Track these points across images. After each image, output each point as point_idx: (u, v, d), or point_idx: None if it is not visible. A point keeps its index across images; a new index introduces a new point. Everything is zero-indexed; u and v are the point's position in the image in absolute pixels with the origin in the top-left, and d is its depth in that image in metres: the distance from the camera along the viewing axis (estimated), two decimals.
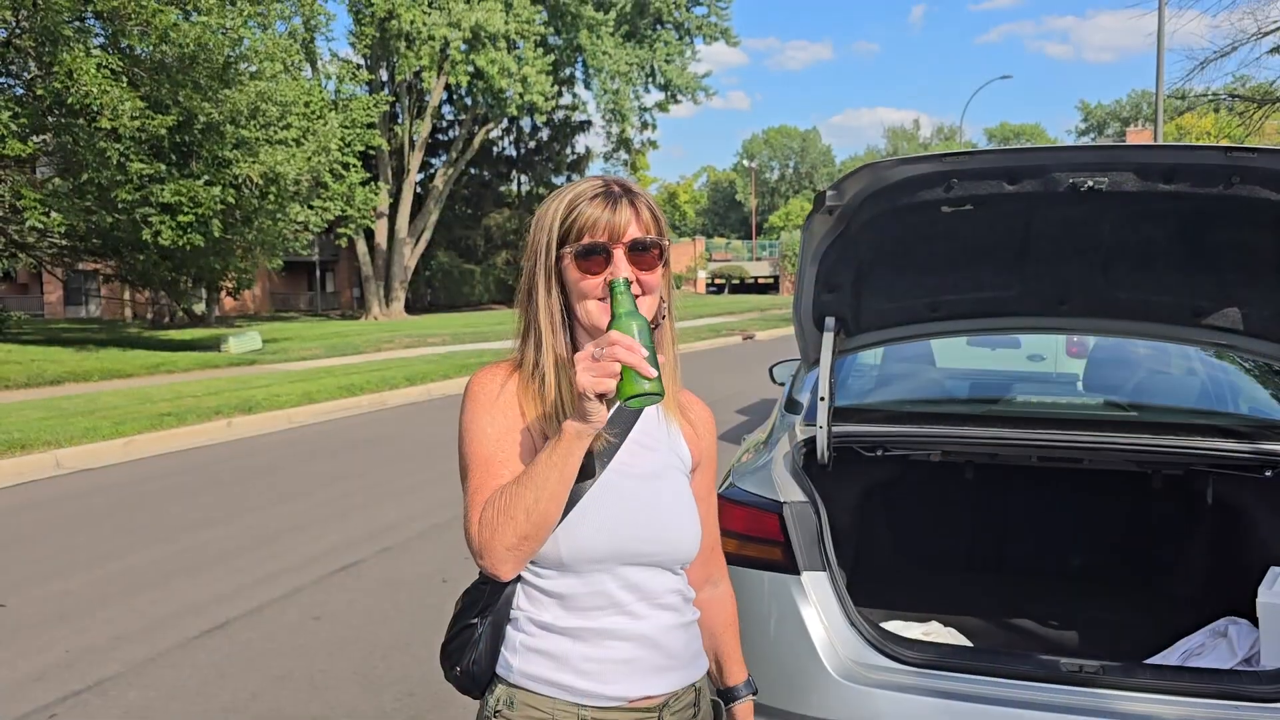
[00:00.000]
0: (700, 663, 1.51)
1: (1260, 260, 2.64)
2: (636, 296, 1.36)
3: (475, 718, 1.45)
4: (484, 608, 1.41)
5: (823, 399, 2.89)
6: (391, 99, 35.94)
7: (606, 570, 1.38)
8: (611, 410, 1.31)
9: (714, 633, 1.60)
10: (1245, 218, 2.48)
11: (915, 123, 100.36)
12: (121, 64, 16.53)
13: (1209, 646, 2.78)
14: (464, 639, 1.42)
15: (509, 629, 1.41)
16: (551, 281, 1.41)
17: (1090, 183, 2.36)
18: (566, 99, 43.34)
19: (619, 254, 1.37)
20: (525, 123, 45.40)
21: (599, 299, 1.38)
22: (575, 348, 1.43)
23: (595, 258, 1.37)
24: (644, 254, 1.39)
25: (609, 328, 1.28)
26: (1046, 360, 4.59)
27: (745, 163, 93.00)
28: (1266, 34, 18.60)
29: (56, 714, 3.67)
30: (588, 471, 1.36)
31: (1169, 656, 2.80)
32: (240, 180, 18.81)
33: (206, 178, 18.04)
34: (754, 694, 1.66)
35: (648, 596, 1.41)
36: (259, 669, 4.03)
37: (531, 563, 1.38)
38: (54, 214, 16.88)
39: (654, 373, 1.24)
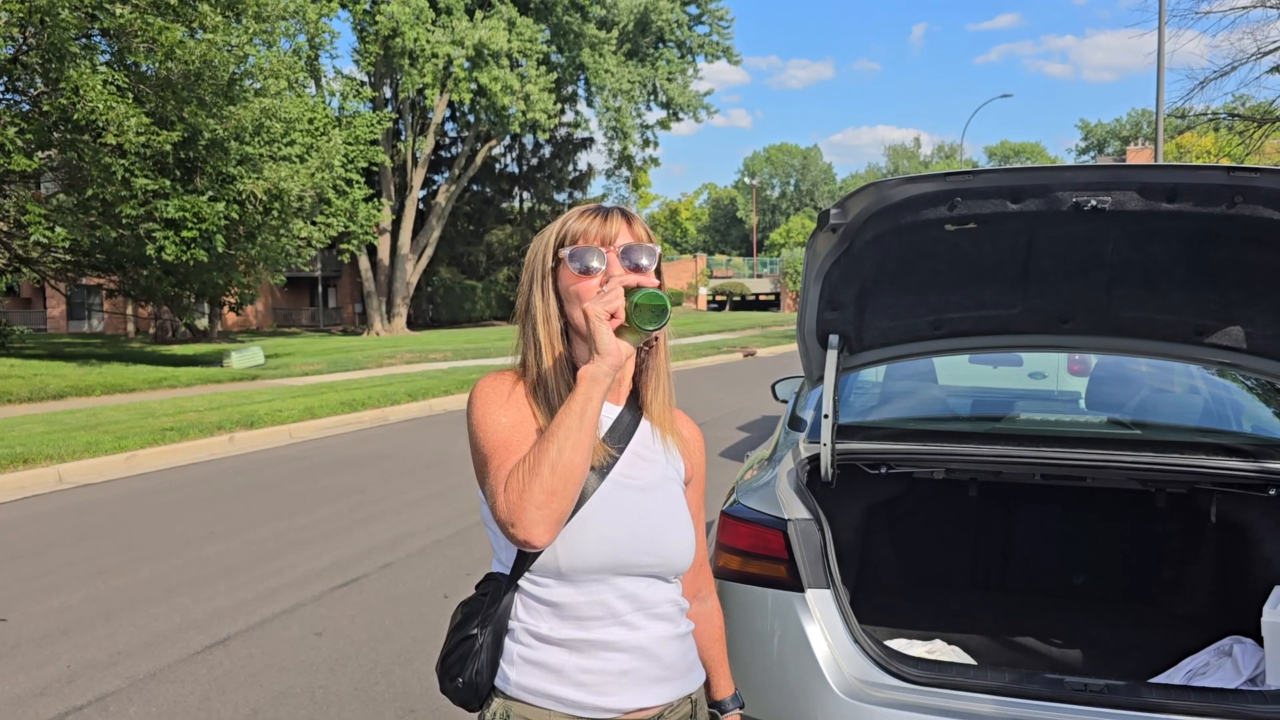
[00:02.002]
0: (696, 674, 1.52)
1: (1263, 279, 2.65)
2: None
3: None
4: (483, 619, 1.42)
5: (826, 416, 2.89)
6: (395, 116, 36.15)
7: (603, 580, 1.39)
8: (624, 357, 1.33)
9: (702, 647, 1.61)
10: (1248, 237, 2.49)
11: (916, 141, 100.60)
12: (127, 80, 16.65)
13: (1213, 666, 2.77)
14: (464, 650, 1.42)
15: (506, 640, 1.42)
16: (548, 291, 1.45)
17: (1093, 202, 2.37)
18: (569, 116, 43.59)
19: (612, 256, 1.42)
20: (528, 140, 45.63)
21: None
22: (572, 358, 1.46)
23: (588, 260, 1.41)
24: (636, 260, 1.42)
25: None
26: (1048, 378, 4.60)
27: (746, 180, 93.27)
28: (1266, 53, 18.71)
29: None
30: (588, 483, 1.37)
31: (1173, 676, 2.79)
32: (244, 196, 18.90)
33: (210, 193, 18.14)
34: (741, 707, 1.68)
35: (644, 607, 1.42)
36: (260, 685, 4.02)
37: (529, 571, 1.39)
38: (58, 229, 16.95)
39: (656, 282, 1.36)
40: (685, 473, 1.56)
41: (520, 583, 1.41)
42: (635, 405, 1.51)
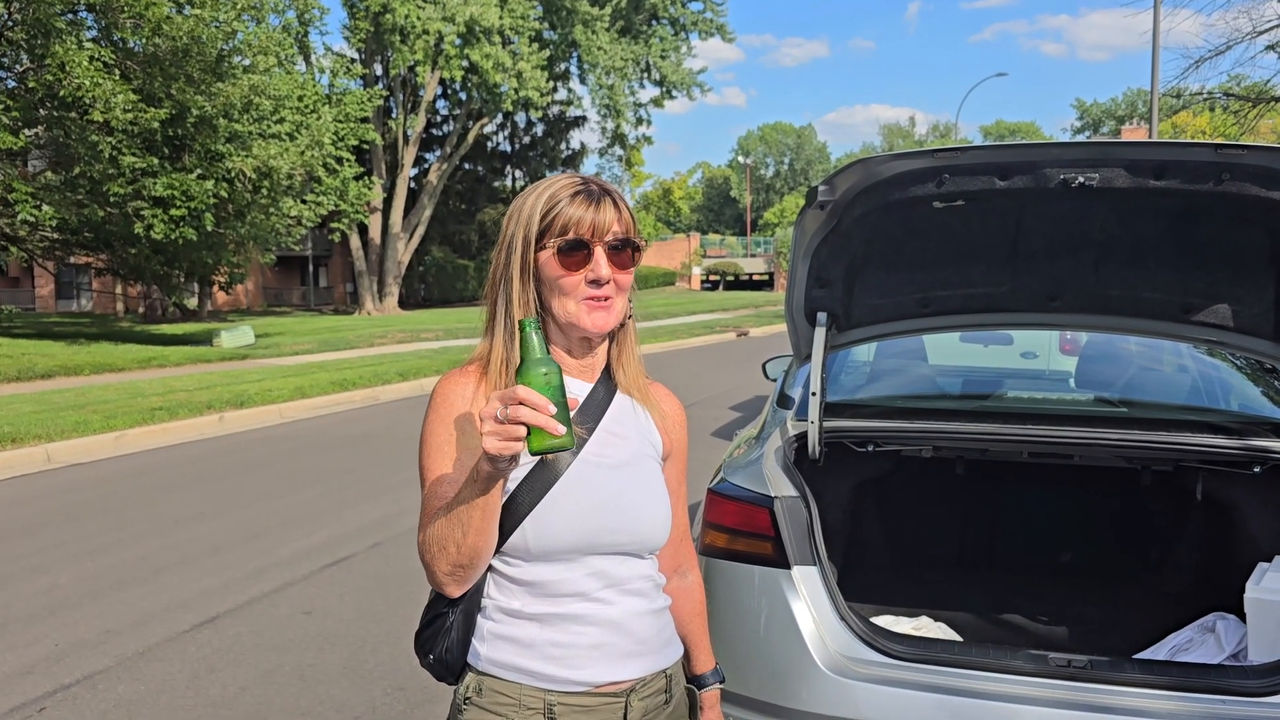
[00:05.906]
0: (672, 650, 1.52)
1: (1249, 257, 2.64)
2: (608, 299, 1.39)
3: (449, 706, 1.47)
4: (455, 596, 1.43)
5: (814, 394, 2.88)
6: (385, 93, 35.84)
7: (575, 559, 1.40)
8: (524, 463, 1.33)
9: (682, 621, 1.61)
10: (1235, 214, 2.49)
11: (910, 120, 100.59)
12: (114, 57, 16.47)
13: (1197, 642, 2.79)
14: (436, 627, 1.44)
15: (479, 617, 1.43)
16: (528, 276, 1.41)
17: (1081, 179, 2.36)
18: (561, 94, 43.29)
19: (600, 251, 1.39)
20: (520, 118, 45.32)
21: (580, 298, 1.40)
22: (549, 341, 1.44)
23: (578, 254, 1.38)
24: (622, 253, 1.41)
25: (517, 376, 1.24)
26: (1040, 357, 4.59)
27: (740, 159, 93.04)
28: (1261, 33, 18.67)
29: (46, 707, 3.67)
30: (558, 464, 1.38)
31: (1157, 651, 2.81)
32: (233, 174, 18.76)
33: (199, 171, 17.99)
34: (721, 682, 1.68)
35: (616, 583, 1.42)
36: (248, 663, 4.03)
37: (501, 551, 1.40)
38: (45, 207, 16.82)
39: (561, 430, 1.18)
40: (664, 448, 1.55)
41: (492, 562, 1.41)
42: (609, 380, 1.50)
